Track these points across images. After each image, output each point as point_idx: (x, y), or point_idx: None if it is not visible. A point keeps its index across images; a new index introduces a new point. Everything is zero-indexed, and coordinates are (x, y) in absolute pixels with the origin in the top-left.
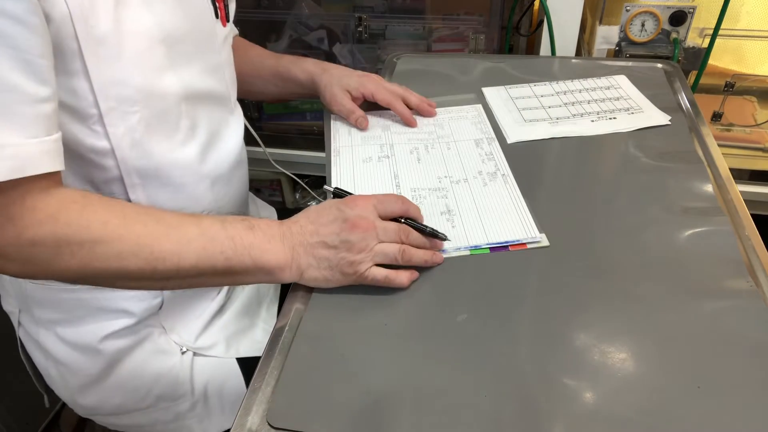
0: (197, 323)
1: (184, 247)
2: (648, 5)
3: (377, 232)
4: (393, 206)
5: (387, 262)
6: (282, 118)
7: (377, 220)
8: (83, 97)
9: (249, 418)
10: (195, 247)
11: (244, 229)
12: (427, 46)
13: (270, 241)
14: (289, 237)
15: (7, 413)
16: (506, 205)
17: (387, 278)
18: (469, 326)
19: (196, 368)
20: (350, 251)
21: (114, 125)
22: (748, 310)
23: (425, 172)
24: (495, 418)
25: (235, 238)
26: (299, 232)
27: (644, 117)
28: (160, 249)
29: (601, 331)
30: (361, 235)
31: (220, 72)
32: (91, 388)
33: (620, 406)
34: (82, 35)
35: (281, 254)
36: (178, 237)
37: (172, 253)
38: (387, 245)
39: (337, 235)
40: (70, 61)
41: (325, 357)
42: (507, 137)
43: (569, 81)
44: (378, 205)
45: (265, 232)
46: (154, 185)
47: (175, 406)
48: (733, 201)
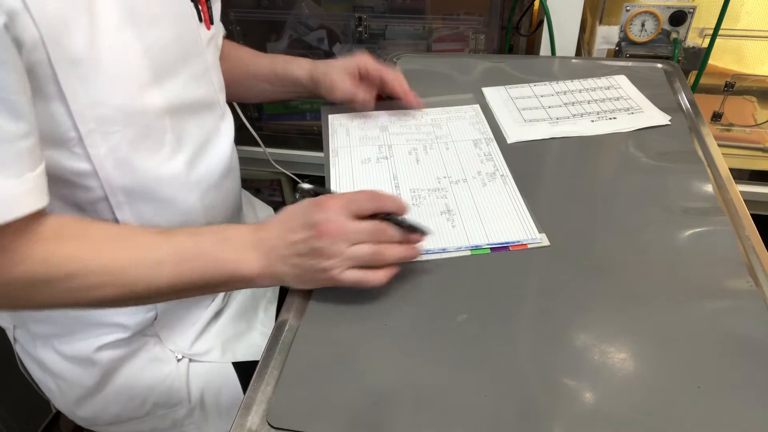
0: (192, 330)
1: (157, 270)
2: (648, 5)
3: (348, 234)
4: (365, 204)
5: (361, 263)
6: (282, 118)
7: (348, 222)
8: (61, 121)
9: (249, 418)
10: (168, 267)
11: (216, 242)
12: (427, 46)
13: (244, 252)
14: (262, 244)
15: (7, 413)
16: (506, 206)
17: (360, 280)
18: (469, 326)
19: (192, 375)
20: (320, 257)
21: (95, 147)
22: (748, 310)
23: (424, 172)
24: (495, 418)
25: (208, 253)
26: (271, 238)
27: (644, 117)
28: (135, 274)
29: (601, 331)
30: (330, 241)
31: (206, 77)
32: (89, 400)
33: (620, 406)
34: (56, 58)
35: (255, 263)
36: (150, 260)
37: (147, 276)
38: (358, 248)
39: (305, 242)
40: (44, 86)
41: (325, 357)
42: (507, 137)
43: (569, 81)
44: (349, 205)
45: (238, 242)
46: (140, 202)
47: (173, 413)
48: (733, 201)
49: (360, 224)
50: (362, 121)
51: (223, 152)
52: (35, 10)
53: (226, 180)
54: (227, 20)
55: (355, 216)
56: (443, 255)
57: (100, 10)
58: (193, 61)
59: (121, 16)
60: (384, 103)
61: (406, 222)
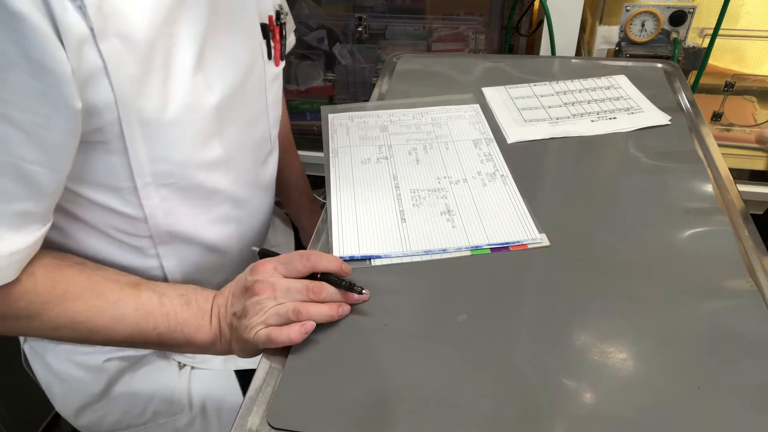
0: None
1: (118, 324)
2: (648, 5)
3: (276, 293)
4: (296, 264)
5: (282, 322)
6: None
7: (279, 281)
8: (119, 173)
9: (249, 419)
10: (129, 323)
11: (180, 304)
12: (427, 46)
13: (203, 317)
14: (216, 312)
15: (7, 413)
16: (506, 206)
17: (269, 337)
18: (469, 326)
19: (193, 382)
20: (245, 317)
21: (149, 198)
22: (748, 310)
23: (424, 172)
24: (495, 418)
25: (170, 314)
26: (224, 305)
27: (644, 117)
28: (95, 324)
29: (601, 331)
30: (255, 300)
31: (264, 116)
32: (91, 407)
33: (620, 406)
34: (127, 120)
35: (210, 332)
36: (113, 313)
37: (106, 328)
38: (281, 306)
39: (242, 304)
40: (110, 141)
41: (325, 357)
42: (507, 137)
43: (569, 81)
44: (279, 266)
45: (200, 307)
46: (184, 244)
47: (173, 421)
48: (733, 201)
49: (291, 283)
50: (362, 121)
51: (266, 189)
52: (114, 73)
53: (264, 214)
54: None
55: (287, 276)
56: (443, 255)
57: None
58: (254, 102)
59: (192, 75)
60: (384, 103)
61: (344, 281)
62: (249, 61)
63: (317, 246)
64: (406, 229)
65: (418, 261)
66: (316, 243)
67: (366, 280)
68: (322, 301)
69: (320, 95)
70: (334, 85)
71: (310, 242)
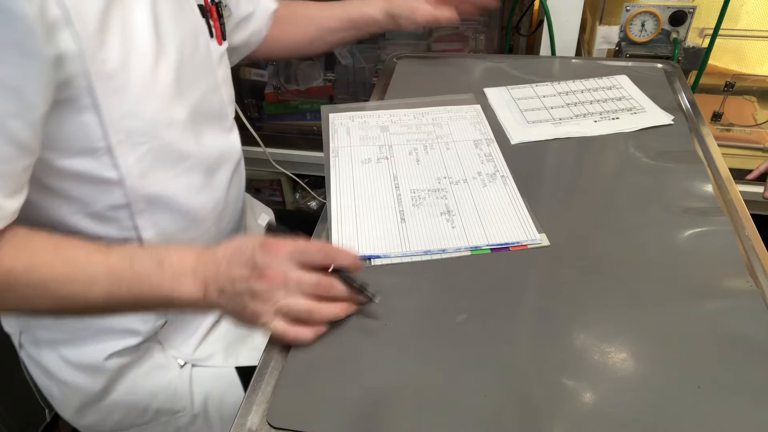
0: (195, 336)
1: (90, 288)
2: (648, 5)
3: (287, 284)
4: (314, 256)
5: (293, 318)
6: (282, 118)
7: (292, 271)
8: (91, 132)
9: (249, 418)
10: (101, 287)
11: (153, 266)
12: (427, 46)
13: (180, 278)
14: (202, 271)
15: (7, 413)
16: (506, 207)
17: (284, 334)
18: (469, 326)
19: (195, 380)
20: (253, 300)
21: (123, 157)
22: (748, 310)
23: (424, 172)
24: (495, 418)
25: (142, 276)
26: (213, 267)
27: (647, 117)
28: (66, 291)
29: (601, 331)
30: (267, 286)
31: (218, 92)
32: (92, 407)
33: (620, 406)
34: (93, 71)
35: (191, 290)
36: (84, 278)
37: (78, 294)
38: (294, 301)
39: (245, 281)
40: (79, 97)
41: (325, 357)
42: (510, 138)
43: (571, 81)
44: (296, 254)
45: (175, 268)
46: (160, 211)
47: (175, 420)
48: (733, 201)
49: (303, 275)
50: (363, 121)
51: (234, 162)
52: (76, 23)
53: (233, 188)
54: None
55: (301, 265)
56: (443, 255)
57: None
58: (207, 75)
59: (149, 31)
60: (385, 103)
61: (357, 281)
62: (194, 33)
63: None
64: (405, 229)
65: (417, 261)
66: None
67: (365, 280)
68: (331, 297)
69: (320, 95)
70: (334, 85)
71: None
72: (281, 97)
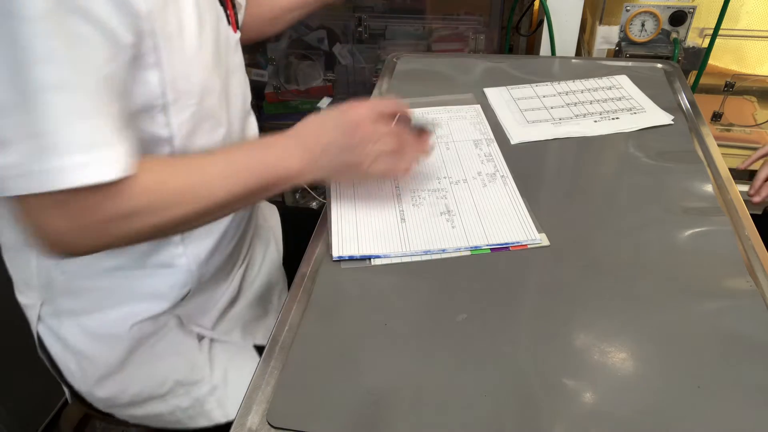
0: (213, 312)
1: (223, 182)
2: (648, 5)
3: (375, 135)
4: (385, 108)
5: (388, 160)
6: (282, 118)
7: (374, 124)
8: (152, 90)
9: (249, 418)
10: (231, 179)
11: (264, 149)
12: (427, 46)
13: (285, 152)
14: (301, 145)
15: (7, 413)
16: (506, 207)
17: (387, 171)
18: (469, 326)
19: (214, 353)
20: (353, 153)
21: (176, 116)
22: (748, 310)
23: (425, 172)
24: (495, 418)
25: (257, 159)
26: (308, 139)
27: (647, 117)
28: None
29: (601, 331)
30: (360, 138)
31: (237, 76)
32: (111, 378)
33: (620, 406)
34: (158, 31)
35: (298, 163)
36: (214, 175)
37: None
38: (383, 144)
39: (340, 139)
40: (145, 55)
41: (325, 357)
42: (510, 138)
43: (571, 81)
44: (373, 109)
45: (280, 146)
46: None
47: (195, 389)
48: (732, 201)
49: (383, 127)
50: None
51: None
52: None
53: None
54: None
55: (379, 119)
56: (443, 255)
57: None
58: (229, 57)
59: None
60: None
61: (418, 122)
62: (217, 17)
63: (318, 245)
64: (405, 229)
65: (417, 261)
66: (317, 243)
67: (365, 280)
68: (403, 142)
69: (320, 95)
70: (334, 85)
71: (310, 241)
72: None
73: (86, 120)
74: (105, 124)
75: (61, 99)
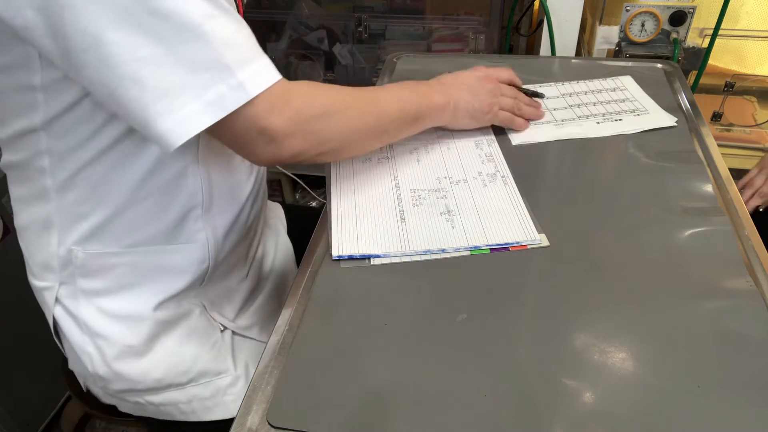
0: (234, 303)
1: (390, 104)
2: (648, 5)
3: (499, 88)
4: (503, 74)
5: (507, 109)
6: None
7: (501, 86)
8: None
9: (249, 418)
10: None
11: (416, 84)
12: (427, 46)
13: (432, 89)
14: (442, 87)
15: (7, 413)
16: (506, 207)
17: (511, 120)
18: (469, 326)
19: (236, 347)
20: (487, 96)
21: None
22: (748, 310)
23: (425, 172)
24: (495, 418)
25: (413, 91)
26: (446, 83)
27: (650, 119)
28: (381, 108)
29: (601, 331)
30: (491, 87)
31: None
32: (132, 362)
33: (620, 406)
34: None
35: (443, 98)
36: (383, 97)
37: (387, 106)
38: (507, 98)
39: (475, 85)
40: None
41: (325, 357)
42: (511, 139)
43: (575, 82)
44: (493, 72)
45: (426, 85)
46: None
47: (217, 380)
48: (733, 201)
49: (506, 88)
50: None
51: None
52: None
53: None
54: None
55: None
56: (443, 255)
57: None
58: None
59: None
60: None
61: (530, 90)
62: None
63: (318, 245)
64: (405, 229)
65: (417, 261)
66: (317, 242)
67: (365, 280)
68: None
69: None
70: None
71: (310, 240)
72: None
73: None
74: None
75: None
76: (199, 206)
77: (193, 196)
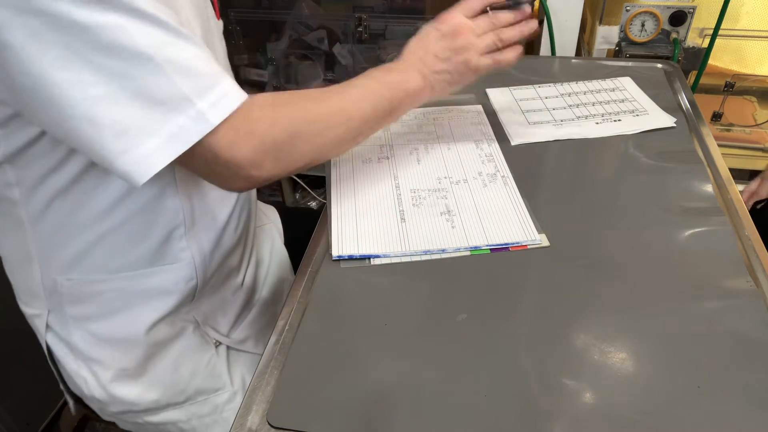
0: (229, 315)
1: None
2: (648, 5)
3: (473, 29)
4: (474, 4)
5: (490, 50)
6: None
7: (469, 22)
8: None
9: (249, 418)
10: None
11: (386, 72)
12: None
13: (406, 73)
14: (415, 63)
15: (7, 414)
16: (506, 207)
17: (494, 61)
18: (469, 326)
19: (232, 361)
20: (460, 54)
21: None
22: (748, 310)
23: (425, 172)
24: (495, 418)
25: (387, 83)
26: (418, 57)
27: (649, 119)
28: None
29: (601, 331)
30: (463, 38)
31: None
32: (128, 384)
33: (620, 406)
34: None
35: (418, 80)
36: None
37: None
38: (484, 37)
39: (446, 48)
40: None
41: (325, 357)
42: (511, 139)
43: (574, 83)
44: (463, 10)
45: (399, 69)
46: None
47: (214, 397)
48: (733, 201)
49: (478, 19)
50: None
51: None
52: None
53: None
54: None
55: (471, 16)
56: (443, 255)
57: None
58: (216, 46)
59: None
60: None
61: (511, 1)
62: (204, 5)
63: (318, 245)
64: (405, 229)
65: (417, 261)
66: (316, 243)
67: (365, 280)
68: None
69: None
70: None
71: (310, 241)
72: None
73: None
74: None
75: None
76: (182, 225)
77: (174, 216)
